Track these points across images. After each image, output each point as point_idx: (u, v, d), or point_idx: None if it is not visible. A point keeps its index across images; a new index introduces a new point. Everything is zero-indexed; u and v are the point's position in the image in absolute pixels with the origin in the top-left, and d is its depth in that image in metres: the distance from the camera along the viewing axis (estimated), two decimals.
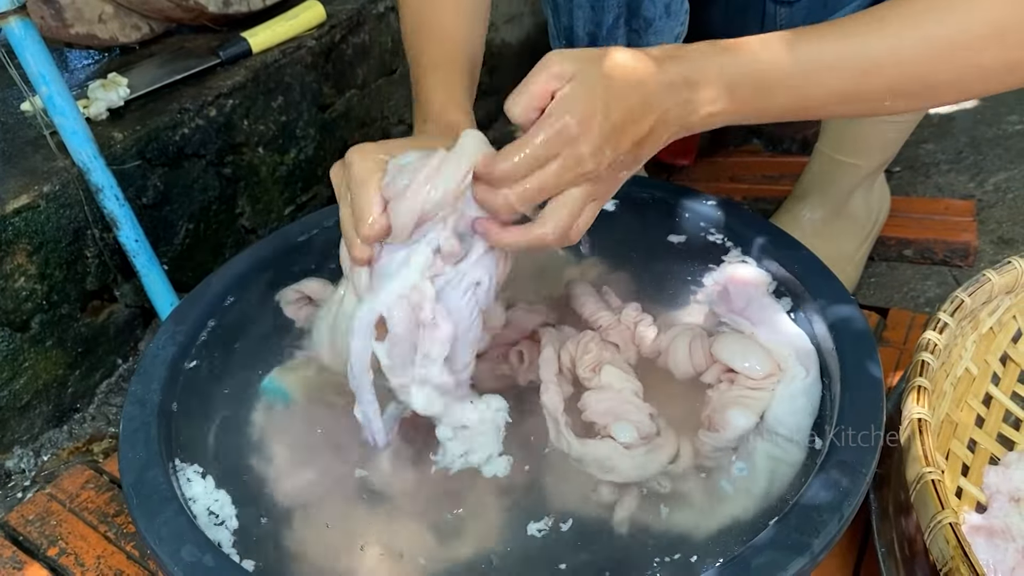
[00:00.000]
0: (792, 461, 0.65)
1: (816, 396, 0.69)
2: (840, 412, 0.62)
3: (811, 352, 0.72)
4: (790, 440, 0.66)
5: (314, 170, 1.21)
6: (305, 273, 0.84)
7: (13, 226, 0.87)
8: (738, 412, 0.67)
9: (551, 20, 0.97)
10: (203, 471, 0.66)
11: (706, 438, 0.67)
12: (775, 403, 0.68)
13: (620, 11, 0.91)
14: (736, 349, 0.72)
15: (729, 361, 0.71)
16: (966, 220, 1.15)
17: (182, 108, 1.02)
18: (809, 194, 1.07)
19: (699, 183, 1.33)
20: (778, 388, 0.69)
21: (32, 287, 0.91)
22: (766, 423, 0.67)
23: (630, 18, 0.92)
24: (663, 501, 0.64)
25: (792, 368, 0.70)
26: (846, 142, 1.02)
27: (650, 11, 0.91)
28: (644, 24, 0.92)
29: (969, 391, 0.83)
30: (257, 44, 1.11)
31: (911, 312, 1.02)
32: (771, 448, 0.66)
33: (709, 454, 0.67)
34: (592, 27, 0.93)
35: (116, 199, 0.91)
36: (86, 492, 0.89)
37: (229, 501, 0.64)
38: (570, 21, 0.94)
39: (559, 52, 0.55)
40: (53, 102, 0.86)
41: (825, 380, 0.70)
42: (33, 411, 0.95)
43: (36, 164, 0.93)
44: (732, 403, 0.68)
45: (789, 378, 0.69)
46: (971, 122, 1.43)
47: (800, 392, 0.69)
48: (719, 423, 0.67)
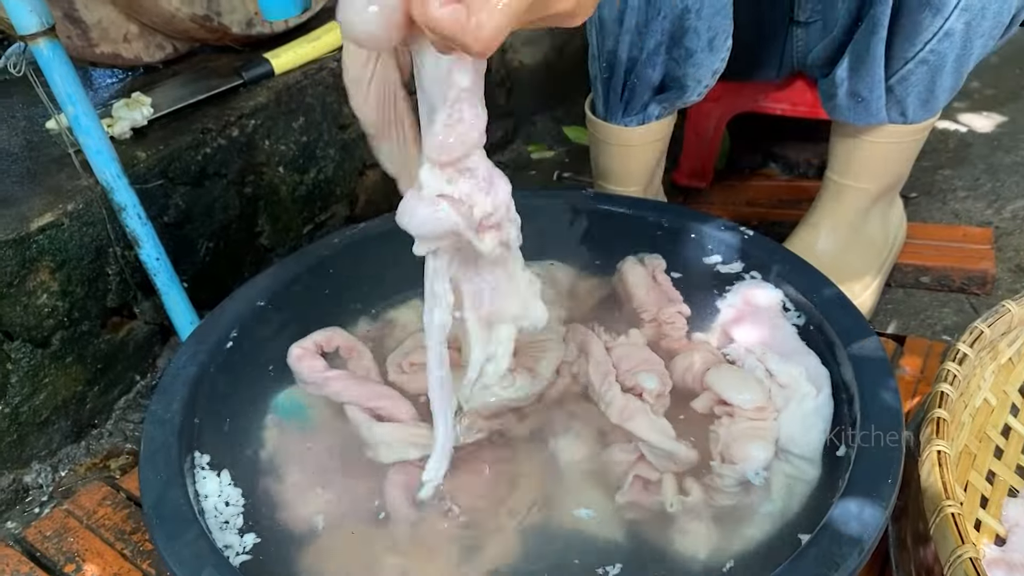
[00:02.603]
0: (808, 479, 0.67)
1: (828, 415, 0.70)
2: (860, 446, 0.62)
3: (822, 372, 0.74)
4: (804, 458, 0.68)
5: (333, 189, 1.22)
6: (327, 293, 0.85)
7: (37, 244, 0.88)
8: (758, 445, 0.68)
9: (594, 42, 0.99)
10: (223, 491, 0.66)
11: (725, 471, 0.68)
12: (788, 422, 0.70)
13: (663, 38, 0.93)
14: (729, 382, 0.74)
15: (721, 393, 0.73)
16: (984, 248, 1.15)
17: (205, 128, 1.03)
18: (823, 221, 1.07)
19: (715, 206, 1.34)
20: (790, 407, 0.71)
21: (54, 304, 0.92)
22: (780, 443, 0.69)
23: (672, 46, 0.93)
24: (679, 526, 0.64)
25: (802, 387, 0.72)
26: (852, 167, 1.02)
27: (693, 42, 0.92)
28: (685, 54, 0.93)
29: (988, 422, 0.82)
30: (280, 65, 1.12)
31: (928, 340, 1.01)
32: (786, 467, 0.68)
33: (727, 488, 0.67)
34: (635, 52, 0.95)
35: (139, 218, 0.92)
36: (103, 509, 0.89)
37: (249, 522, 0.64)
38: (615, 45, 0.95)
39: None
40: (79, 122, 0.87)
41: (844, 410, 0.70)
42: (52, 426, 0.96)
43: (60, 182, 0.94)
44: (746, 436, 0.70)
45: (800, 397, 0.71)
46: (988, 148, 1.43)
47: (812, 411, 0.70)
48: (737, 456, 0.68)
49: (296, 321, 0.82)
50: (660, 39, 0.93)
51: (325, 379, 0.77)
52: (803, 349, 0.77)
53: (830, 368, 0.73)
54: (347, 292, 0.89)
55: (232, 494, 0.66)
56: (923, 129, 0.97)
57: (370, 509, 0.66)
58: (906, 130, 0.96)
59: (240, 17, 1.15)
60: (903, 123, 0.96)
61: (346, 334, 0.82)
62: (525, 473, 0.69)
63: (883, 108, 0.94)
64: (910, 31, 0.87)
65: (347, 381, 0.77)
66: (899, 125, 0.96)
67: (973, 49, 0.88)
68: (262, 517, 0.65)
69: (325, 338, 0.81)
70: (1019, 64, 1.69)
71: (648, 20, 0.91)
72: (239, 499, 0.66)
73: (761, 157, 1.44)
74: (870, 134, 0.97)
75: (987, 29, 0.86)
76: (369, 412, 0.74)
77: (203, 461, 0.68)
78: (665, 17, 0.91)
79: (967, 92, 1.60)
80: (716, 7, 0.91)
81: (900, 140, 0.98)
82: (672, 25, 0.91)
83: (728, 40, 0.94)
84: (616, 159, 1.07)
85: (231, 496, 0.66)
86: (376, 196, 1.32)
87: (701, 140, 1.32)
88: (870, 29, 0.88)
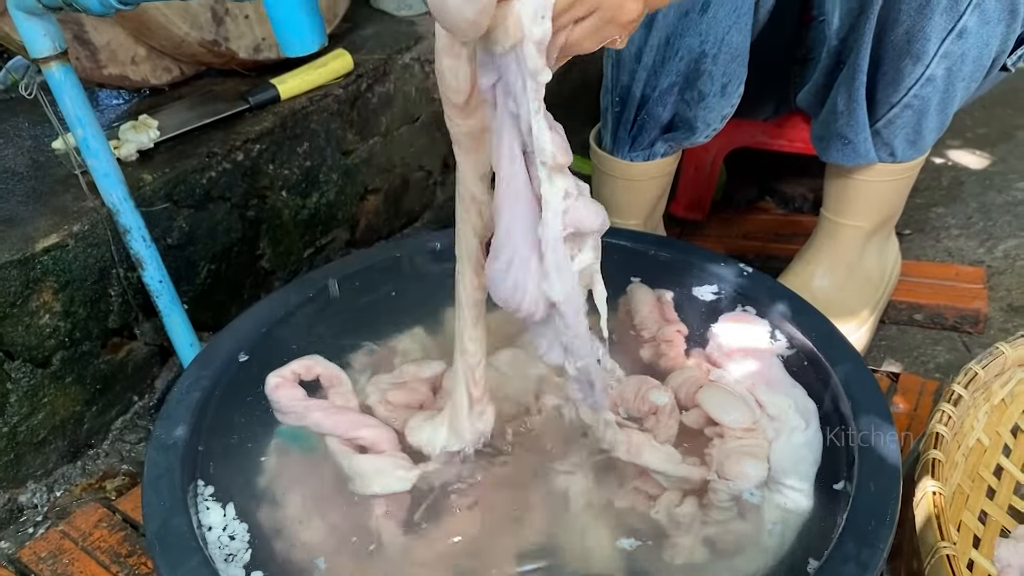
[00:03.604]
0: (800, 511, 0.68)
1: (818, 447, 0.72)
2: (857, 485, 0.63)
3: (810, 405, 0.76)
4: (795, 489, 0.70)
5: (334, 214, 1.23)
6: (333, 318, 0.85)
7: (42, 264, 0.89)
8: (751, 463, 0.70)
9: (609, 75, 1.00)
10: (227, 519, 0.66)
11: (720, 487, 0.70)
12: (779, 455, 0.72)
13: (677, 79, 0.94)
14: (718, 401, 0.76)
15: (710, 411, 0.76)
16: (977, 287, 1.16)
17: (210, 152, 1.04)
18: (819, 257, 1.08)
19: (711, 239, 1.35)
20: (780, 440, 0.73)
21: (56, 324, 0.92)
22: (772, 475, 0.71)
23: (685, 88, 0.95)
24: (671, 540, 0.65)
25: (791, 420, 0.74)
26: (845, 205, 1.04)
27: (707, 86, 0.94)
28: (697, 97, 0.95)
29: (981, 462, 0.83)
30: (285, 91, 1.13)
31: (921, 378, 1.03)
32: (779, 498, 0.70)
33: (722, 503, 0.69)
34: (649, 90, 0.96)
35: (143, 240, 0.93)
36: (99, 531, 0.89)
37: (253, 550, 0.64)
38: (630, 80, 0.97)
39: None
40: (88, 144, 0.88)
41: (840, 447, 0.71)
42: (48, 446, 0.96)
43: (66, 203, 0.95)
44: (739, 453, 0.72)
45: (789, 430, 0.74)
46: (980, 187, 1.45)
47: (802, 444, 0.72)
48: (732, 473, 0.70)
49: (301, 346, 0.83)
50: (674, 80, 0.94)
51: (305, 408, 0.75)
52: (790, 382, 0.79)
53: (827, 405, 0.75)
54: (354, 317, 0.89)
55: (237, 529, 0.66)
56: (914, 166, 0.99)
57: (375, 536, 0.67)
58: (896, 168, 0.98)
59: (247, 42, 1.17)
60: (892, 162, 0.97)
61: (327, 362, 0.80)
62: (524, 506, 0.70)
63: (871, 149, 0.95)
64: (893, 78, 0.89)
65: (326, 411, 0.75)
66: (889, 164, 0.98)
67: (956, 92, 0.90)
68: (264, 551, 0.65)
69: (304, 367, 0.78)
70: (1010, 104, 1.72)
71: (665, 60, 0.93)
72: (244, 533, 0.65)
73: (757, 191, 1.46)
74: (861, 173, 0.99)
75: (968, 73, 0.88)
76: (349, 443, 0.73)
77: (207, 492, 0.68)
78: (682, 59, 0.92)
79: (959, 131, 1.62)
80: (733, 54, 0.92)
81: (892, 178, 0.99)
82: (688, 67, 0.93)
83: (740, 87, 0.96)
84: (619, 192, 1.09)
85: (236, 530, 0.65)
86: (377, 221, 1.33)
87: (699, 173, 1.34)
88: (850, 75, 0.90)
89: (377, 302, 0.90)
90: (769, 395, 0.77)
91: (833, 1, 0.89)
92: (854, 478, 0.64)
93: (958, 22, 0.84)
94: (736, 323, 0.86)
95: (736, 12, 0.90)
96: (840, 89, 0.93)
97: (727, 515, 0.69)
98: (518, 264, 0.56)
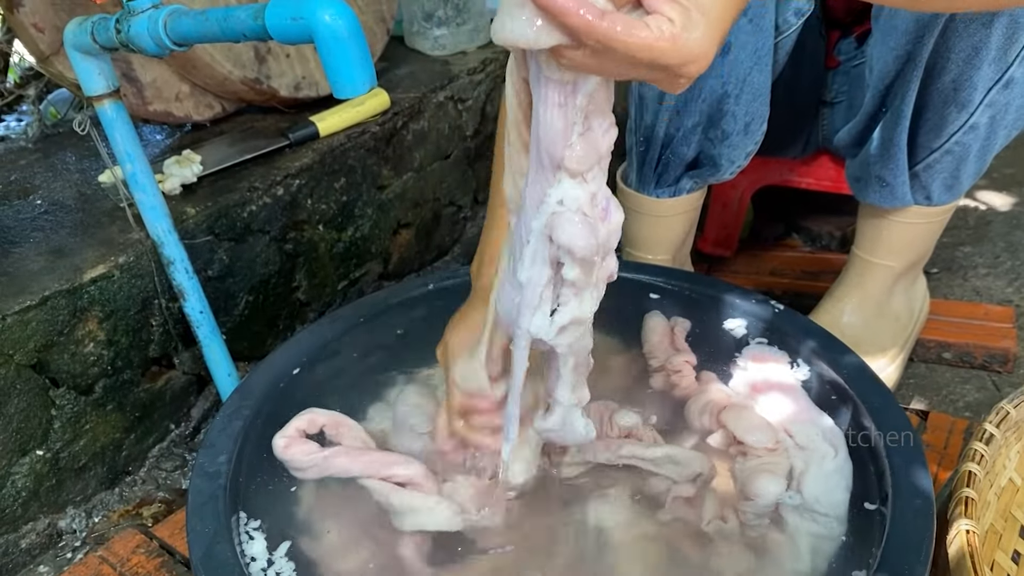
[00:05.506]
0: (834, 536, 0.70)
1: (848, 473, 0.74)
2: (892, 523, 0.63)
3: (837, 432, 0.77)
4: (828, 515, 0.71)
5: (368, 247, 1.26)
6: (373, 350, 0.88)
7: (88, 294, 0.91)
8: (768, 480, 0.72)
9: (633, 115, 1.02)
10: (269, 546, 0.68)
11: (746, 507, 0.72)
12: (811, 482, 0.74)
13: (701, 119, 0.96)
14: (742, 422, 0.78)
15: (735, 431, 0.78)
16: (1006, 327, 1.17)
17: (251, 187, 1.07)
18: (849, 295, 1.09)
19: (739, 275, 1.36)
20: (811, 469, 0.74)
21: (100, 352, 0.94)
22: (805, 502, 0.72)
23: (708, 127, 0.97)
24: (715, 548, 0.68)
25: (820, 447, 0.76)
26: (878, 245, 1.04)
27: (730, 125, 0.96)
28: (721, 135, 0.97)
29: (1013, 501, 0.83)
30: (325, 128, 1.16)
31: (951, 417, 1.03)
32: (812, 526, 0.71)
33: (751, 522, 0.72)
34: (672, 129, 0.98)
35: (186, 272, 0.95)
36: (136, 557, 0.91)
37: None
38: (653, 120, 0.98)
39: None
40: (136, 179, 0.91)
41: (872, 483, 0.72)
42: (88, 472, 0.98)
43: (112, 235, 0.98)
44: (758, 472, 0.74)
45: (819, 457, 0.75)
46: (1008, 227, 1.46)
47: (833, 470, 0.74)
48: (752, 492, 0.72)
49: (338, 376, 0.84)
50: (698, 120, 0.96)
51: (325, 459, 0.73)
52: (817, 411, 0.80)
53: (859, 443, 0.75)
54: (393, 349, 0.91)
55: (279, 547, 0.67)
56: (948, 210, 1.00)
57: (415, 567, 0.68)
58: (931, 211, 0.99)
59: (288, 80, 1.20)
60: (928, 205, 0.98)
61: (326, 411, 0.77)
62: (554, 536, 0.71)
63: (908, 192, 0.97)
64: (935, 124, 0.90)
65: (351, 455, 0.74)
66: (924, 207, 0.99)
67: (997, 139, 0.91)
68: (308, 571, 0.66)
69: (306, 422, 0.76)
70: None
71: (688, 100, 0.95)
72: (286, 552, 0.67)
73: (784, 228, 1.47)
74: (896, 214, 1.00)
75: (1011, 121, 0.89)
76: (386, 481, 0.73)
77: (251, 526, 0.69)
78: (704, 100, 0.94)
79: (987, 171, 1.63)
80: (754, 94, 0.94)
81: (925, 220, 1.00)
82: (710, 108, 0.95)
83: (763, 125, 0.97)
84: (646, 228, 1.11)
85: (278, 549, 0.67)
86: (409, 254, 1.36)
87: (727, 210, 1.36)
88: (894, 120, 0.92)
89: (426, 331, 0.91)
90: (798, 426, 0.79)
91: (877, 47, 0.90)
92: (887, 513, 0.65)
93: (1006, 72, 0.85)
94: (767, 359, 0.87)
95: (756, 53, 0.92)
96: (882, 133, 0.94)
97: (757, 530, 0.71)
98: None
